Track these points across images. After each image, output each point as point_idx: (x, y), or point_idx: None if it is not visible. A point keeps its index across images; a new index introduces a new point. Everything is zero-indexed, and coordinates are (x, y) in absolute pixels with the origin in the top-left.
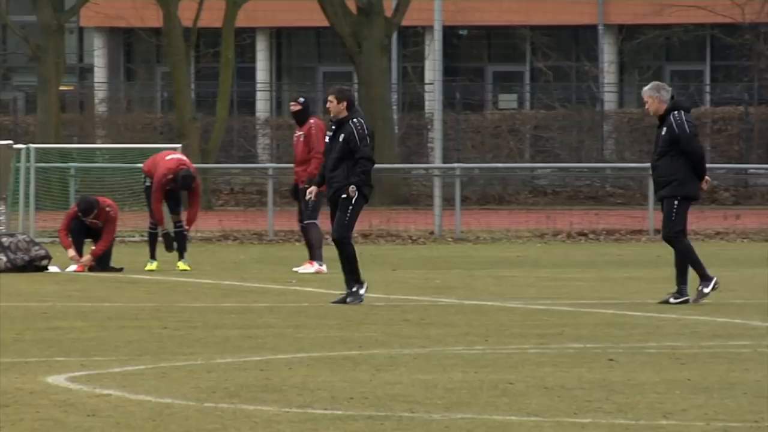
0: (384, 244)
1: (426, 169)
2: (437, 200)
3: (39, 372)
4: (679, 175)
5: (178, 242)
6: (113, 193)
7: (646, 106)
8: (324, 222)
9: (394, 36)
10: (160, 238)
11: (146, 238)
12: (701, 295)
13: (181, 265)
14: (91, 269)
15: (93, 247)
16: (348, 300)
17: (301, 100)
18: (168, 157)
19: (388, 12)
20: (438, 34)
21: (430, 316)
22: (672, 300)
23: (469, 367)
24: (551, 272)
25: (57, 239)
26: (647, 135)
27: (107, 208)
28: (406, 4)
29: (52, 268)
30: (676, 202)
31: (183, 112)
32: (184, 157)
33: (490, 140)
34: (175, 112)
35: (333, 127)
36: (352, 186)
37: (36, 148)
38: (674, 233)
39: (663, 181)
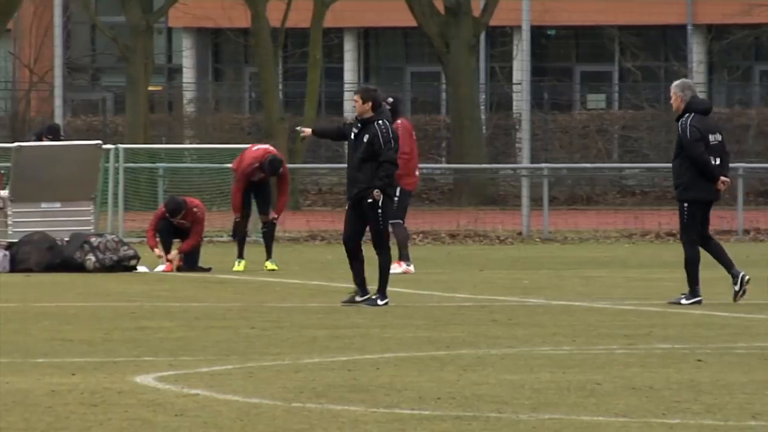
0: (471, 244)
1: (514, 169)
2: (525, 200)
3: (127, 372)
4: (685, 178)
5: (266, 242)
6: (201, 193)
7: (671, 102)
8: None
9: (482, 36)
10: (248, 237)
11: (234, 239)
12: (675, 301)
13: (269, 264)
14: (179, 269)
15: (180, 244)
16: (371, 301)
17: (390, 99)
18: (255, 148)
19: (476, 12)
20: (526, 34)
21: (518, 316)
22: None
23: (557, 367)
24: (639, 273)
25: (145, 239)
26: (736, 135)
27: (194, 209)
28: (495, 4)
29: (141, 268)
30: (685, 206)
31: (271, 112)
32: (272, 147)
33: (578, 140)
34: (263, 113)
35: (358, 125)
36: (376, 191)
37: (124, 149)
38: (686, 238)
39: (675, 183)
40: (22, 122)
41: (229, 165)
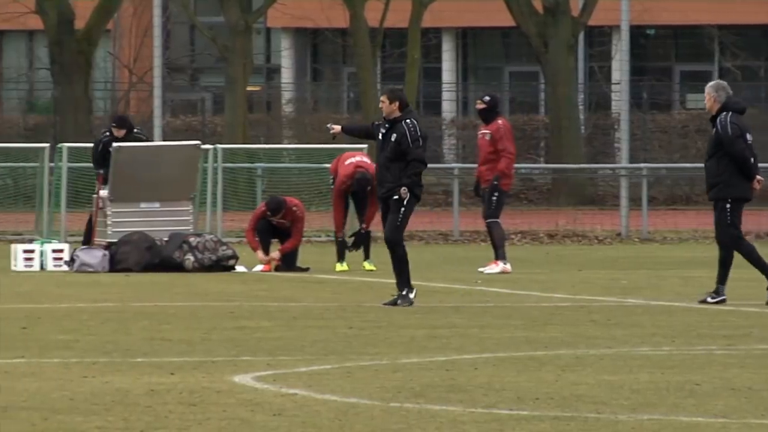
0: (570, 244)
1: (612, 169)
2: (624, 200)
3: (226, 371)
4: (725, 176)
5: (364, 243)
6: (300, 193)
7: (705, 102)
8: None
9: (581, 36)
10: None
11: (333, 239)
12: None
13: (367, 265)
14: (277, 269)
15: (281, 246)
16: (398, 302)
17: (487, 98)
18: (347, 162)
19: (575, 11)
20: (625, 34)
21: (617, 316)
22: (709, 299)
23: (656, 368)
24: (739, 273)
25: (244, 239)
26: None
27: (294, 208)
28: (593, 3)
29: (239, 268)
30: (727, 205)
31: (369, 112)
32: (365, 159)
33: (678, 140)
34: (361, 113)
35: (386, 125)
36: (403, 188)
37: (223, 149)
38: (729, 237)
39: (711, 182)
40: None
41: (328, 165)
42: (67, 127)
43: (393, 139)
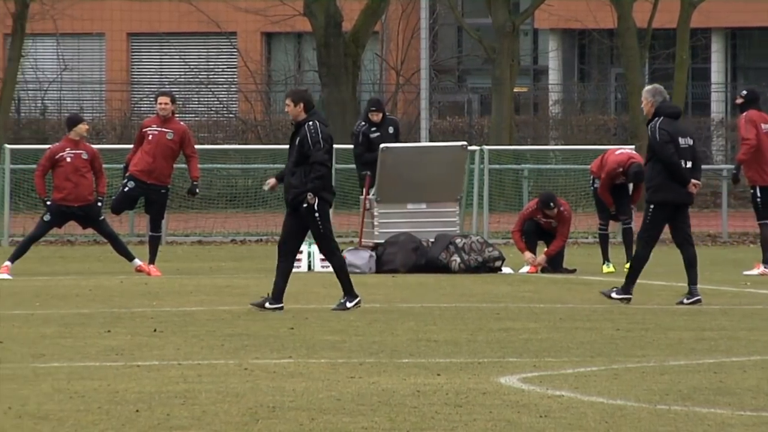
0: None
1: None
2: None
3: (492, 372)
4: (656, 181)
5: (626, 240)
6: (566, 194)
7: (642, 106)
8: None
9: None
10: (611, 240)
11: (597, 240)
12: (607, 293)
13: (608, 267)
14: (543, 270)
15: (545, 248)
16: (346, 304)
17: (744, 92)
18: (618, 151)
19: None
20: None
21: None
22: (685, 301)
23: None
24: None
25: (510, 240)
26: None
27: (562, 208)
28: None
29: (505, 270)
30: (651, 208)
31: (637, 113)
32: (635, 152)
33: None
34: (628, 114)
35: (293, 129)
36: (309, 194)
37: (490, 150)
38: (642, 237)
39: (645, 186)
40: None
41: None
42: (335, 129)
43: (297, 142)
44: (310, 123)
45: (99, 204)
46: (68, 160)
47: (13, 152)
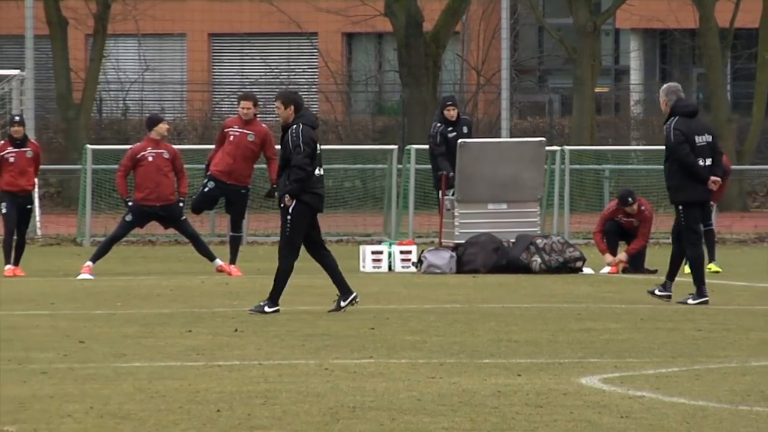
0: None
1: None
2: None
3: (573, 373)
4: (675, 181)
5: (708, 241)
6: (647, 194)
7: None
8: None
9: None
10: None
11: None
12: (683, 301)
13: (713, 267)
14: (624, 271)
15: (627, 246)
16: (263, 308)
17: None
18: None
19: None
20: None
21: None
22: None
23: None
24: None
25: (591, 241)
26: None
27: (642, 208)
28: None
29: (586, 270)
30: (680, 208)
31: (719, 113)
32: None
33: None
34: (710, 113)
35: (282, 133)
36: (286, 195)
37: (570, 150)
38: (691, 238)
39: (666, 186)
40: None
41: None
42: (415, 129)
43: (281, 145)
44: (294, 126)
45: (180, 204)
46: (150, 159)
47: (94, 152)
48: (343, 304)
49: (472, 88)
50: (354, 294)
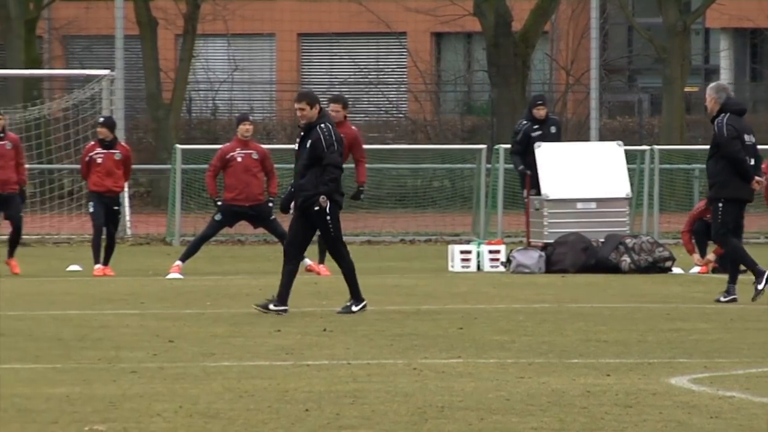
0: None
1: None
2: None
3: (662, 373)
4: (721, 177)
5: None
6: None
7: (706, 104)
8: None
9: None
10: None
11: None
12: (757, 292)
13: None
14: (714, 271)
15: (716, 246)
16: (351, 308)
17: None
18: None
19: None
20: None
21: None
22: (722, 299)
23: None
24: None
25: (680, 240)
26: None
27: None
28: None
29: (676, 270)
30: (720, 204)
31: None
32: None
33: None
34: None
35: (302, 132)
36: (321, 197)
37: (660, 150)
38: (720, 234)
39: (709, 182)
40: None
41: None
42: (504, 129)
43: (308, 144)
44: (323, 125)
45: (270, 204)
46: (239, 159)
47: (184, 152)
48: (272, 307)
49: (561, 88)
50: (286, 307)
